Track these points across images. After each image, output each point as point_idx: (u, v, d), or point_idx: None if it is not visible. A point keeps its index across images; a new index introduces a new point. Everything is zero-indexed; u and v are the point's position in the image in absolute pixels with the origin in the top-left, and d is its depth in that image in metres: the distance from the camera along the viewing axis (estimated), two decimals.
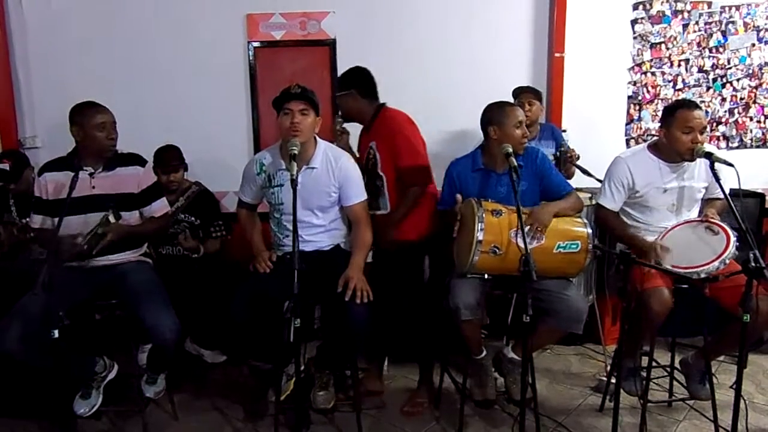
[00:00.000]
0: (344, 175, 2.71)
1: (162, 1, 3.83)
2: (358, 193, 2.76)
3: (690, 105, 2.67)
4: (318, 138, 2.74)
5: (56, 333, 2.25)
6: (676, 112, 2.65)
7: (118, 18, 3.84)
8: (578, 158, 3.43)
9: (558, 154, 3.41)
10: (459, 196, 2.67)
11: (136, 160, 2.77)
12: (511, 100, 3.37)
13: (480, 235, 2.43)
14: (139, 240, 2.81)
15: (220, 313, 2.84)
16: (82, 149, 2.64)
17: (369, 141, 2.99)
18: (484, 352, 2.79)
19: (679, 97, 3.87)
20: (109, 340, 2.97)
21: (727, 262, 2.44)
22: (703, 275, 2.43)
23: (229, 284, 2.91)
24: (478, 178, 2.77)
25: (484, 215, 2.46)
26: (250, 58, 3.88)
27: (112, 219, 2.51)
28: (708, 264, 2.43)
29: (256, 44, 3.88)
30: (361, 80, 2.98)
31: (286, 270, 2.27)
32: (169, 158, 3.42)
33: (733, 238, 2.46)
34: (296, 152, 2.47)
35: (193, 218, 3.46)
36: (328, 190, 2.72)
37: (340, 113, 3.07)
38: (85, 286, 2.65)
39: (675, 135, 2.63)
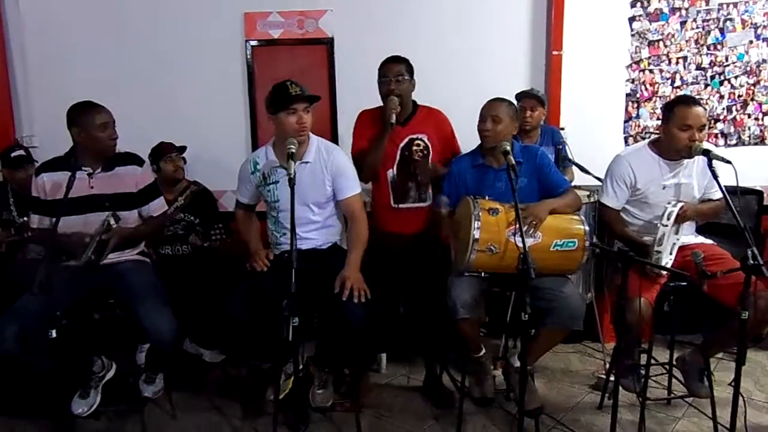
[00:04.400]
0: (337, 168, 2.72)
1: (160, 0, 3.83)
2: (351, 186, 2.75)
3: (689, 101, 2.65)
4: (310, 133, 2.75)
5: (54, 333, 2.25)
6: (674, 109, 2.63)
7: (116, 17, 3.84)
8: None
9: (555, 152, 3.40)
10: (445, 198, 2.70)
11: (134, 159, 2.77)
12: (513, 99, 3.36)
13: (476, 234, 2.42)
14: (137, 240, 2.81)
15: (218, 313, 2.84)
16: (82, 149, 2.63)
17: (411, 133, 2.98)
18: (483, 351, 2.79)
19: (678, 95, 3.86)
20: (108, 339, 2.97)
21: (666, 223, 2.51)
22: (658, 246, 2.50)
23: (228, 283, 2.91)
24: (476, 173, 2.78)
25: (480, 214, 2.45)
26: (248, 56, 3.88)
27: (113, 223, 2.53)
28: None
29: (253, 43, 3.87)
30: None
31: (284, 268, 2.28)
32: (167, 146, 3.47)
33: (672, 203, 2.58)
34: (294, 150, 2.47)
35: (192, 217, 3.46)
36: (322, 184, 2.72)
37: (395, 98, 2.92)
38: (83, 286, 2.64)
39: (672, 132, 2.62)
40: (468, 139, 3.05)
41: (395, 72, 2.90)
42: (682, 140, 2.59)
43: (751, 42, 3.88)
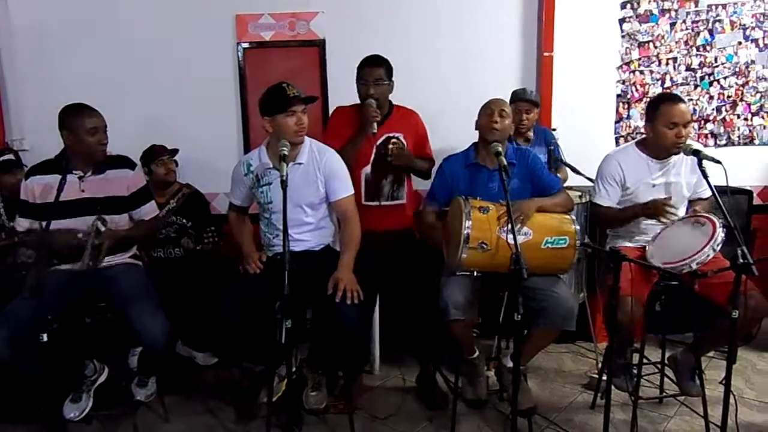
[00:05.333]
0: (329, 169, 2.72)
1: (150, 2, 3.82)
2: (344, 187, 2.75)
3: (673, 99, 2.67)
4: None
5: (45, 337, 2.24)
6: (659, 107, 2.66)
7: (106, 19, 3.82)
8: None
9: (547, 152, 3.41)
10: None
11: (125, 162, 2.75)
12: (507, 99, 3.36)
13: (467, 231, 2.44)
14: (129, 243, 2.80)
15: (211, 315, 2.84)
16: (72, 153, 2.61)
17: (387, 131, 3.01)
18: (477, 352, 2.79)
19: (659, 93, 3.87)
20: (99, 343, 2.95)
21: (716, 248, 2.42)
22: (695, 265, 2.43)
23: (221, 286, 2.91)
24: (469, 173, 2.78)
25: (471, 212, 2.47)
26: (240, 58, 3.87)
27: (101, 227, 2.52)
28: (698, 253, 2.42)
29: (245, 45, 3.87)
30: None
31: (277, 271, 2.27)
32: (159, 149, 3.46)
33: (719, 225, 2.47)
34: (286, 153, 2.47)
35: (184, 220, 3.45)
36: (315, 185, 2.72)
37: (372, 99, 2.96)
38: (75, 290, 2.63)
39: (660, 130, 2.65)
40: (461, 139, 3.06)
41: (375, 76, 2.93)
42: (670, 137, 2.62)
43: (740, 43, 3.91)
